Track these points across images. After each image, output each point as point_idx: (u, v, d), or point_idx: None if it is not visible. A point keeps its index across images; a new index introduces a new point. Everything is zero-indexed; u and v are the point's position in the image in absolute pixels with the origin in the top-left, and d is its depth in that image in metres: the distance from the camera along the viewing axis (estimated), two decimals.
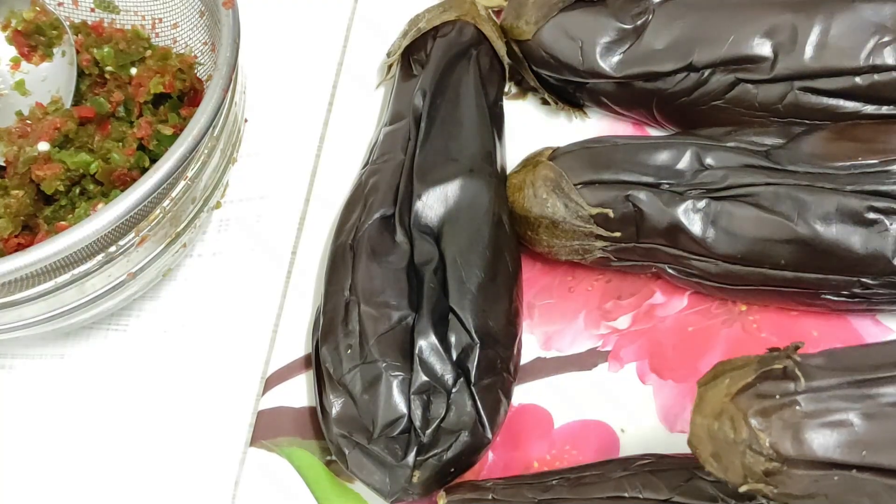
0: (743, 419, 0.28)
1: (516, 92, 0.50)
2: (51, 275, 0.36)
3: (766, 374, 0.29)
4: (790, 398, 0.28)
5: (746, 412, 0.28)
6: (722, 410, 0.29)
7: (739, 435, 0.28)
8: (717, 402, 0.29)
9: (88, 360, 0.45)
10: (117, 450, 0.42)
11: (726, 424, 0.28)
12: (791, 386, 0.28)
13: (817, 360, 0.29)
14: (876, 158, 0.39)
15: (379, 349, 0.38)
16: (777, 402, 0.28)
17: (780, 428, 0.27)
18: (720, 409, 0.29)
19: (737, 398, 0.29)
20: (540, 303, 0.44)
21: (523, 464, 0.40)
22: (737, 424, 0.28)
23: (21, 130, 0.42)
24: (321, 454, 0.41)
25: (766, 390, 0.28)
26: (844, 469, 0.27)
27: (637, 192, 0.40)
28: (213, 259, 0.47)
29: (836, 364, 0.29)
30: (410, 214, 0.41)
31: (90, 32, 0.46)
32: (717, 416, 0.29)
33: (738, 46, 0.42)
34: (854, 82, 0.42)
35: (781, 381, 0.28)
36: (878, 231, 0.38)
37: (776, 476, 0.28)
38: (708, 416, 0.29)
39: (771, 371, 0.29)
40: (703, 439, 0.29)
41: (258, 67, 0.49)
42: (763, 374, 0.29)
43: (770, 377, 0.29)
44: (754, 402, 0.28)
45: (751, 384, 0.29)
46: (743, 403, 0.28)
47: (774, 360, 0.29)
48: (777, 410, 0.28)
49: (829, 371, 0.28)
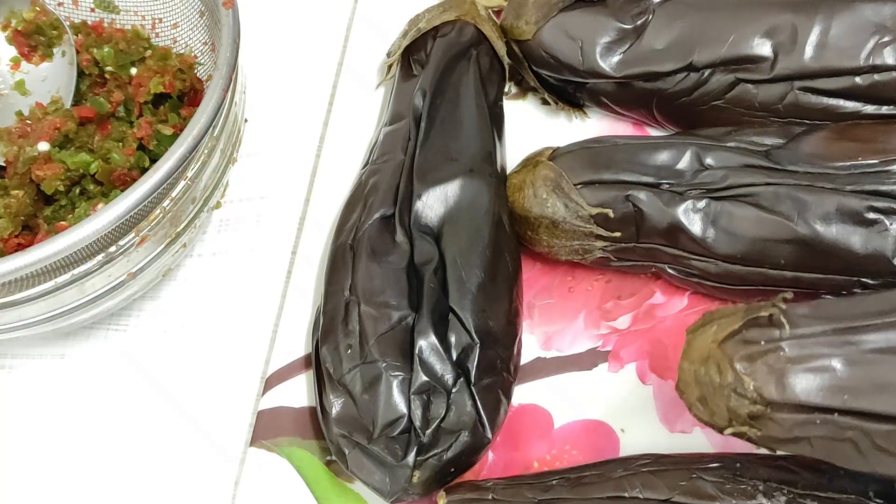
0: (729, 364, 0.29)
1: (516, 92, 0.50)
2: (51, 275, 0.36)
3: (752, 321, 0.29)
4: (775, 344, 0.29)
5: (732, 357, 0.29)
6: (709, 355, 0.30)
7: (725, 379, 0.29)
8: (704, 347, 0.30)
9: (88, 360, 0.45)
10: (117, 450, 0.42)
11: (712, 369, 0.29)
12: (776, 332, 0.29)
13: (803, 309, 0.30)
14: (876, 158, 0.39)
15: (379, 349, 0.38)
16: (762, 348, 0.29)
17: (765, 372, 0.28)
18: (707, 354, 0.30)
19: (723, 344, 0.29)
20: (540, 303, 0.44)
21: (523, 464, 0.40)
22: (723, 369, 0.29)
23: (21, 130, 0.42)
24: (321, 454, 0.41)
25: (752, 336, 0.29)
26: (826, 413, 0.28)
27: (637, 192, 0.40)
28: (213, 259, 0.47)
29: (821, 313, 0.29)
30: (410, 214, 0.41)
31: (90, 32, 0.46)
32: (704, 361, 0.30)
33: (738, 46, 0.42)
34: (854, 82, 0.42)
35: (767, 328, 0.29)
36: (878, 231, 0.38)
37: (760, 419, 0.29)
38: (695, 362, 0.30)
39: (757, 318, 0.29)
40: (689, 384, 0.30)
41: (258, 67, 0.49)
42: (749, 322, 0.29)
43: (756, 324, 0.29)
44: (740, 347, 0.29)
45: (737, 331, 0.29)
46: (729, 349, 0.29)
47: (761, 308, 0.30)
48: (762, 355, 0.28)
49: (814, 319, 0.29)
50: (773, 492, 0.33)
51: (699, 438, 0.40)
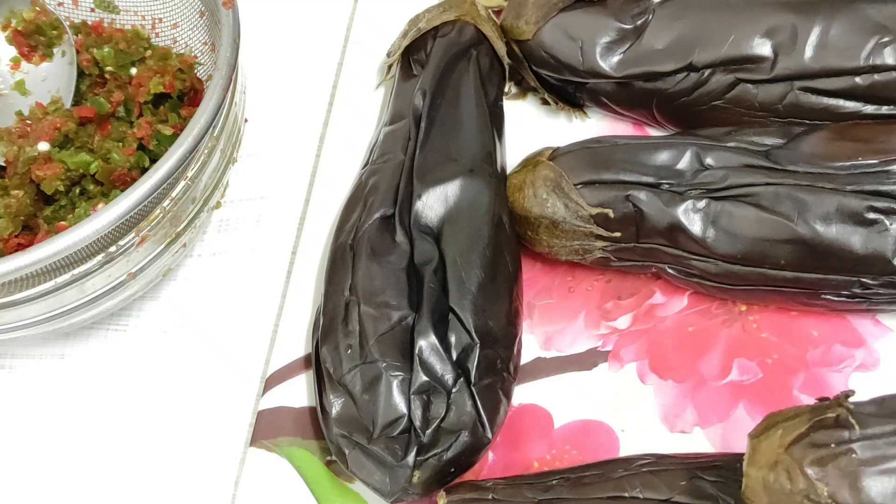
0: (799, 469, 0.28)
1: (516, 92, 0.50)
2: (51, 275, 0.36)
3: (819, 423, 0.29)
4: (845, 446, 0.28)
5: (802, 462, 0.28)
6: (777, 461, 0.29)
7: (796, 485, 0.28)
8: (772, 452, 0.29)
9: (88, 360, 0.45)
10: (117, 450, 0.42)
11: (782, 475, 0.28)
12: (846, 434, 0.28)
13: (869, 407, 0.29)
14: (876, 158, 0.39)
15: (379, 349, 0.38)
16: (832, 451, 0.28)
17: (838, 476, 0.27)
18: (775, 459, 0.29)
19: (791, 448, 0.28)
20: (540, 303, 0.44)
21: (523, 464, 0.40)
22: (793, 475, 0.28)
23: (21, 130, 0.42)
24: (321, 454, 0.41)
25: (821, 439, 0.28)
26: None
27: (637, 192, 0.40)
28: (213, 259, 0.47)
29: (888, 410, 0.29)
30: (410, 214, 0.41)
31: (90, 32, 0.46)
32: (773, 467, 0.29)
33: (738, 46, 0.42)
34: (854, 82, 0.42)
35: (835, 430, 0.28)
36: (878, 231, 0.38)
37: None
38: (763, 468, 0.29)
39: (824, 420, 0.29)
40: (758, 492, 0.29)
41: (258, 67, 0.49)
42: (816, 423, 0.29)
43: (823, 426, 0.29)
44: (809, 451, 0.28)
45: (804, 434, 0.29)
46: (798, 453, 0.28)
47: (827, 409, 0.29)
48: (833, 459, 0.28)
49: (882, 418, 0.28)
50: None
51: (699, 438, 0.40)
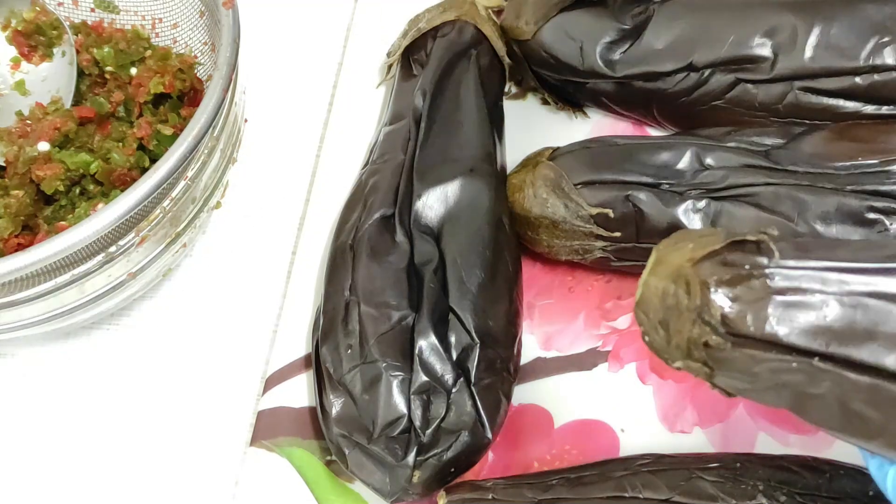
0: (701, 285, 0.25)
1: (516, 92, 0.50)
2: (51, 275, 0.36)
3: (736, 243, 0.25)
4: (759, 271, 0.25)
5: (708, 279, 0.25)
6: (679, 274, 0.26)
7: (693, 301, 0.25)
8: (677, 264, 0.26)
9: (89, 360, 0.45)
10: (118, 450, 0.42)
11: (681, 289, 0.25)
12: (763, 259, 0.25)
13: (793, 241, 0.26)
14: (876, 158, 0.39)
15: (379, 349, 0.38)
16: (745, 273, 0.25)
17: (745, 301, 0.24)
18: (678, 272, 0.26)
19: (700, 263, 0.25)
20: (540, 303, 0.44)
21: (523, 464, 0.40)
22: (692, 290, 0.25)
23: (21, 130, 0.42)
24: (321, 454, 0.41)
25: (735, 259, 0.25)
26: (806, 356, 0.24)
27: (637, 192, 0.40)
28: (214, 259, 0.47)
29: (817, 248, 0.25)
30: (410, 214, 0.41)
31: (90, 32, 0.46)
32: (674, 278, 0.26)
33: (738, 46, 0.42)
34: (854, 82, 0.42)
35: (753, 254, 0.25)
36: (878, 231, 0.38)
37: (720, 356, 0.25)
38: (664, 278, 0.26)
39: (742, 242, 0.25)
40: (652, 303, 0.26)
41: (258, 67, 0.49)
42: (733, 244, 0.25)
43: (741, 249, 0.25)
44: (718, 269, 0.25)
45: (718, 252, 0.25)
46: (705, 270, 0.25)
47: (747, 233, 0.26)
48: (744, 281, 0.25)
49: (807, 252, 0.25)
50: (773, 492, 0.33)
51: (699, 438, 0.40)
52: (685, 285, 0.25)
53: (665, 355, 0.26)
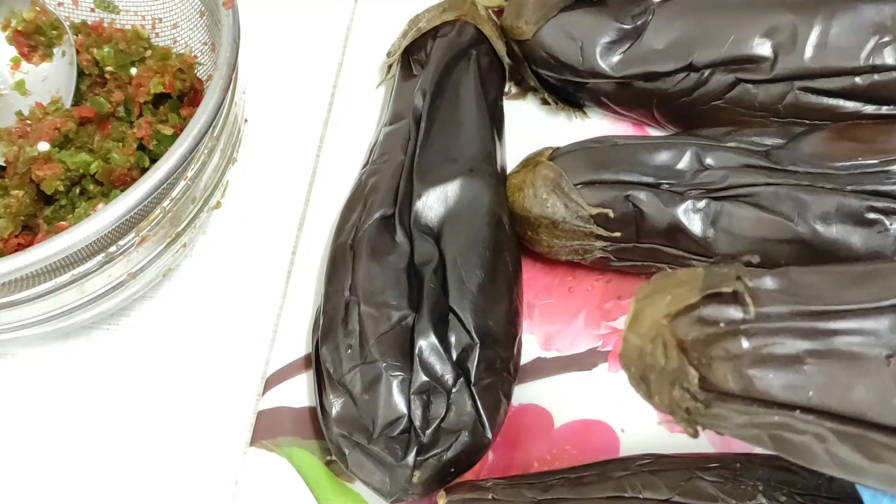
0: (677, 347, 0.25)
1: (516, 92, 0.50)
2: (51, 275, 0.36)
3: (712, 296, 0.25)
4: (736, 326, 0.24)
5: (685, 339, 0.25)
6: (656, 333, 0.25)
7: (670, 363, 0.25)
8: (654, 321, 0.25)
9: (89, 360, 0.45)
10: (118, 450, 0.42)
11: (658, 349, 0.25)
12: (738, 314, 0.24)
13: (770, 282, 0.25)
14: (876, 158, 0.39)
15: (379, 349, 0.38)
16: (721, 331, 0.24)
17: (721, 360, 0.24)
18: (655, 330, 0.25)
19: (676, 321, 0.25)
20: (540, 303, 0.44)
21: (523, 464, 0.40)
22: (669, 352, 0.25)
23: (21, 130, 0.42)
24: (321, 454, 0.41)
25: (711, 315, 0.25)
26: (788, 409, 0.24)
27: (637, 192, 0.40)
28: (214, 259, 0.47)
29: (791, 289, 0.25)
30: (410, 214, 0.41)
31: (90, 32, 0.46)
32: (652, 338, 0.25)
33: (738, 46, 0.42)
34: (854, 82, 0.42)
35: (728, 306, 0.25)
36: (878, 231, 0.38)
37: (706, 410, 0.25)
38: (642, 336, 0.26)
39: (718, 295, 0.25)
40: (633, 359, 0.26)
41: (258, 67, 0.49)
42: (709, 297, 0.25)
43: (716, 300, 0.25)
44: (694, 328, 0.25)
45: (693, 306, 0.25)
46: (681, 329, 0.25)
47: (722, 279, 0.25)
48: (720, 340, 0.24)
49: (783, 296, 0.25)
50: (772, 492, 0.33)
51: (699, 439, 0.40)
52: (662, 346, 0.25)
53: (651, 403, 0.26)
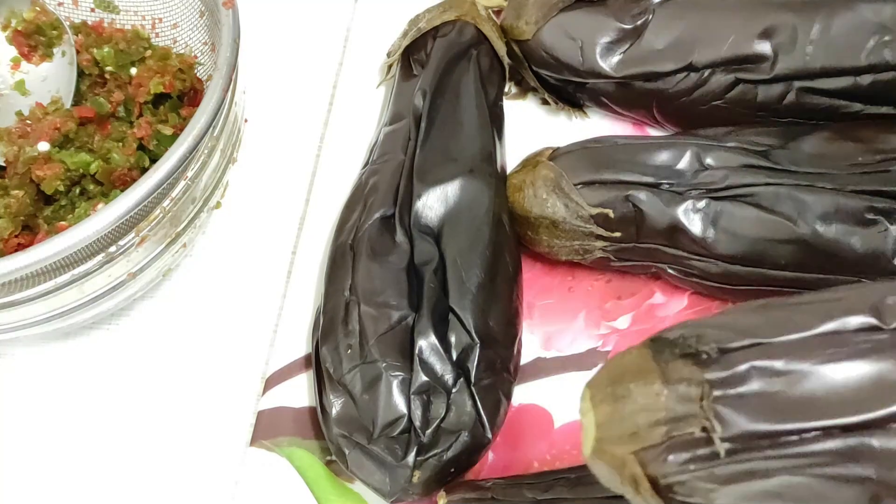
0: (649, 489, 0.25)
1: (516, 92, 0.50)
2: (51, 275, 0.36)
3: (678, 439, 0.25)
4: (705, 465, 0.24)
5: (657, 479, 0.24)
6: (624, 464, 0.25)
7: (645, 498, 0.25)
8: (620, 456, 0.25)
9: (89, 360, 0.45)
10: (117, 450, 0.42)
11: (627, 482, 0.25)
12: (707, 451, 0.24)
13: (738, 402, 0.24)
14: (876, 158, 0.39)
15: (379, 349, 0.38)
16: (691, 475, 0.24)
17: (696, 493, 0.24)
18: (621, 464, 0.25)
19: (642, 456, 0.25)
20: (540, 303, 0.44)
21: (523, 464, 0.40)
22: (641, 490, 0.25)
23: (21, 130, 0.42)
24: (321, 454, 0.41)
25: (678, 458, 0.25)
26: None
27: (637, 192, 0.40)
28: (213, 259, 0.47)
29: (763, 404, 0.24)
30: (410, 214, 0.41)
31: (90, 32, 0.46)
32: (619, 471, 0.25)
33: (738, 46, 0.42)
34: (854, 82, 0.42)
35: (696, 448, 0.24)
36: (878, 231, 0.38)
37: None
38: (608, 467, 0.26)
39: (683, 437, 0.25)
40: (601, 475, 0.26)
41: (258, 67, 0.49)
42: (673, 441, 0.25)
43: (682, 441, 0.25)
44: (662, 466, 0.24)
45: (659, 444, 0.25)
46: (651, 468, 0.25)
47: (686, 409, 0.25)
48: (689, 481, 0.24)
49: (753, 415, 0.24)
50: None
51: None
52: (632, 483, 0.25)
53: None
